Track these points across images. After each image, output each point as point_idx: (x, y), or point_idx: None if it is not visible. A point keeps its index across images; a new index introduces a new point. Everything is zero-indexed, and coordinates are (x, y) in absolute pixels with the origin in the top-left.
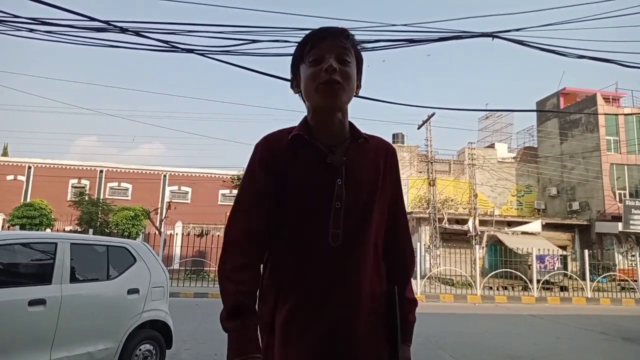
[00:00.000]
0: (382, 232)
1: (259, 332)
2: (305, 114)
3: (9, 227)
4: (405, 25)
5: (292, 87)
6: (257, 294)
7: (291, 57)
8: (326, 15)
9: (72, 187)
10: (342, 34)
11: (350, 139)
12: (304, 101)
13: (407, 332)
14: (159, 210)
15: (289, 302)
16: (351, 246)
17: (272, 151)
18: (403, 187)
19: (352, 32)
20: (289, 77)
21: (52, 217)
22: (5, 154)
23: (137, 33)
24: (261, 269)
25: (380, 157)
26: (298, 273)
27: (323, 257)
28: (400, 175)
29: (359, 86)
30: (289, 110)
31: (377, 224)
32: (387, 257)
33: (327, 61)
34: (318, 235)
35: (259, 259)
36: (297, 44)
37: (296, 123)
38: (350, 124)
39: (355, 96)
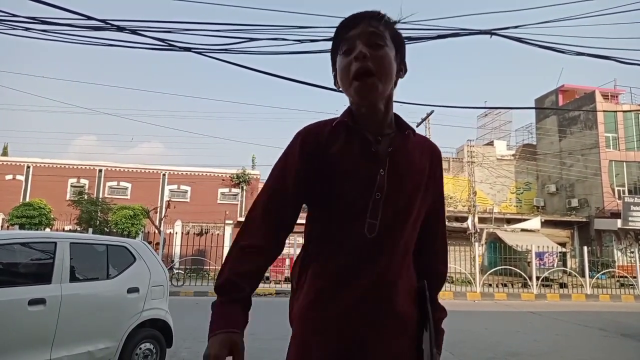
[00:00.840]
0: (417, 233)
1: (242, 310)
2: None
3: (8, 226)
4: (403, 22)
5: (335, 83)
6: (256, 277)
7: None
8: (324, 14)
9: (71, 186)
10: (374, 16)
11: (396, 131)
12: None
13: (440, 339)
14: (158, 209)
15: (316, 286)
16: (387, 238)
17: (314, 138)
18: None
19: (385, 14)
20: (287, 75)
21: (52, 216)
22: (5, 153)
23: (134, 32)
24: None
25: (425, 155)
26: (331, 260)
27: (357, 246)
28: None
29: (402, 69)
30: (290, 109)
31: (414, 221)
32: (422, 259)
33: (357, 48)
34: (355, 224)
35: (272, 243)
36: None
37: (297, 122)
38: (396, 115)
39: (401, 78)
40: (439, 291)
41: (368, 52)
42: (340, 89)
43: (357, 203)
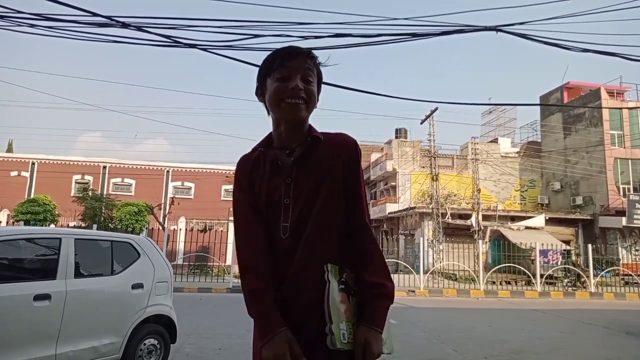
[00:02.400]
0: (334, 223)
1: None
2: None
3: (13, 222)
4: (408, 19)
5: (256, 94)
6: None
7: (259, 67)
8: (327, 10)
9: (75, 182)
10: (308, 55)
11: (309, 140)
12: (267, 110)
13: (371, 314)
14: (162, 206)
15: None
16: (296, 236)
17: (243, 170)
18: (406, 182)
19: (315, 54)
20: None
21: (56, 212)
22: (9, 150)
23: (139, 28)
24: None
25: (335, 150)
26: (272, 264)
27: (277, 248)
28: (397, 172)
29: (317, 100)
30: None
31: (325, 216)
32: (352, 241)
33: (293, 80)
34: (274, 229)
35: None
36: (266, 57)
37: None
38: (310, 126)
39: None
40: (373, 267)
41: (302, 86)
42: (261, 100)
43: (273, 210)
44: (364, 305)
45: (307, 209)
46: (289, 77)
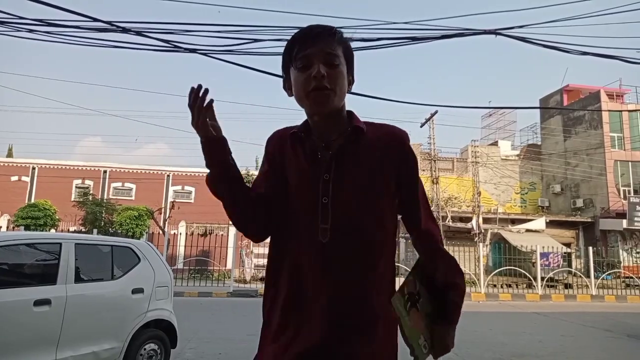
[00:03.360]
0: (389, 228)
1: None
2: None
3: (13, 227)
4: (407, 23)
5: (284, 88)
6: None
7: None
8: (327, 14)
9: (76, 187)
10: (329, 35)
11: (347, 132)
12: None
13: (446, 313)
14: (162, 210)
15: (281, 299)
16: (343, 241)
17: (276, 146)
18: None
19: (338, 30)
20: None
21: (57, 217)
22: (10, 154)
23: (139, 33)
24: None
25: (384, 146)
26: (292, 269)
27: (313, 253)
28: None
29: (351, 82)
30: (292, 110)
31: (375, 220)
32: (419, 243)
33: (314, 67)
34: (308, 231)
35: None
36: (285, 45)
37: (300, 122)
38: (350, 114)
39: (349, 93)
40: (445, 264)
41: (325, 72)
42: (290, 95)
43: (307, 209)
44: (440, 303)
45: (355, 213)
46: (310, 65)
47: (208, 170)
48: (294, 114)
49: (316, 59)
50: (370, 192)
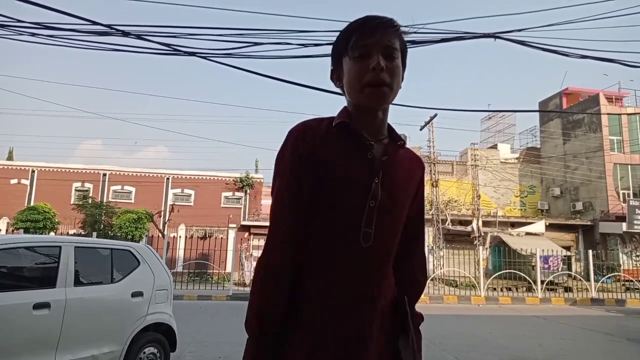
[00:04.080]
0: (398, 242)
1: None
2: (345, 105)
3: (13, 230)
4: (407, 26)
5: (331, 78)
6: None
7: (332, 45)
8: (328, 18)
9: (75, 190)
10: (390, 26)
11: (388, 140)
12: (345, 95)
13: (418, 344)
14: (162, 213)
15: (316, 301)
16: (380, 247)
17: (309, 136)
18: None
19: (399, 24)
20: (291, 79)
21: (56, 220)
22: (10, 157)
23: (139, 37)
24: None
25: (414, 168)
26: (329, 270)
27: (354, 255)
28: None
29: (403, 78)
30: (294, 113)
31: (399, 232)
32: (402, 269)
33: (374, 59)
34: (350, 232)
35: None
36: (340, 32)
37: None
38: (389, 125)
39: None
40: (417, 299)
41: (384, 65)
42: (339, 86)
43: (353, 210)
44: (414, 342)
45: (395, 221)
46: (369, 56)
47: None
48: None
49: (375, 50)
50: (404, 206)
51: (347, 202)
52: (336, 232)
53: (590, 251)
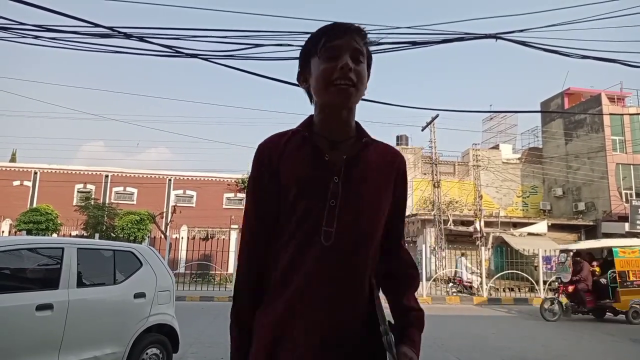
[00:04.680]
0: (379, 240)
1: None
2: (312, 112)
3: (15, 232)
4: (409, 27)
5: (298, 79)
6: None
7: (302, 47)
8: (329, 19)
9: (77, 192)
10: (359, 32)
11: (355, 139)
12: (310, 96)
13: (413, 338)
14: (164, 214)
15: (280, 301)
16: (346, 246)
17: (270, 148)
18: (408, 189)
19: (366, 31)
20: (292, 81)
21: (58, 222)
22: (13, 159)
23: (141, 38)
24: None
25: (388, 163)
26: (290, 271)
27: (315, 255)
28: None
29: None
30: (295, 114)
31: (374, 230)
32: (393, 263)
33: (342, 59)
34: (311, 233)
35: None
36: (310, 36)
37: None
38: (357, 124)
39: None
40: (414, 291)
41: (352, 66)
42: (305, 87)
43: (312, 210)
44: (404, 329)
45: (361, 219)
46: (337, 57)
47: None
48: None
49: (344, 51)
50: (375, 203)
51: (307, 204)
52: (298, 233)
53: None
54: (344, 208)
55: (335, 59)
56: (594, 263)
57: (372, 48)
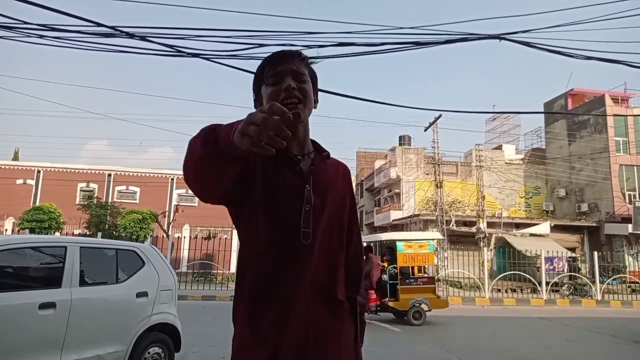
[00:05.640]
0: (343, 247)
1: None
2: None
3: (18, 230)
4: (413, 28)
5: (255, 107)
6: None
7: (253, 80)
8: (332, 19)
9: (80, 190)
10: (297, 56)
11: (314, 152)
12: None
13: (361, 335)
14: (166, 214)
15: (261, 298)
16: (320, 245)
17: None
18: (410, 189)
19: (305, 54)
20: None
21: (61, 220)
22: (16, 158)
23: (144, 38)
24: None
25: (340, 175)
26: (272, 270)
27: (295, 254)
28: (401, 179)
29: (316, 101)
30: None
31: (340, 230)
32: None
33: (285, 81)
34: (291, 234)
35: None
36: (256, 70)
37: None
38: (312, 140)
39: (314, 109)
40: (356, 284)
41: (295, 85)
42: None
43: (290, 214)
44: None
45: (330, 221)
46: (281, 80)
47: (204, 146)
48: None
49: (286, 75)
50: (339, 206)
51: (285, 208)
52: (278, 235)
53: (595, 253)
54: (316, 212)
55: (279, 82)
56: (384, 258)
57: (372, 48)
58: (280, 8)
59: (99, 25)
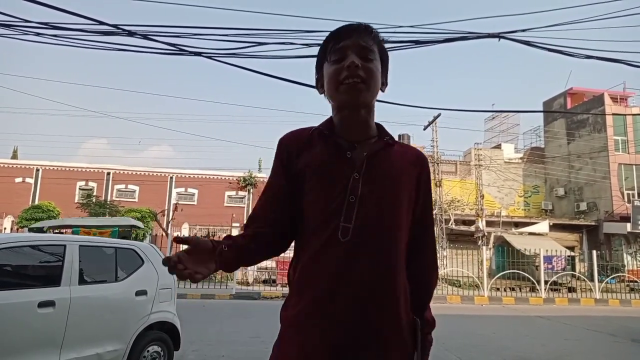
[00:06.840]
0: (405, 243)
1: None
2: (330, 114)
3: (17, 229)
4: (412, 26)
5: (317, 87)
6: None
7: (316, 57)
8: (332, 17)
9: (79, 189)
10: (365, 30)
11: (376, 139)
12: (329, 100)
13: (425, 354)
14: (165, 212)
15: (299, 298)
16: (362, 243)
17: (292, 144)
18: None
19: (375, 30)
20: (295, 79)
21: (60, 219)
22: (14, 156)
23: (145, 36)
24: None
25: (409, 163)
26: (308, 268)
27: (331, 251)
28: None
29: (384, 83)
30: (297, 112)
31: (398, 228)
32: (410, 271)
33: (349, 58)
34: (329, 229)
35: (271, 228)
36: (320, 45)
37: (302, 125)
38: (379, 124)
39: (382, 92)
40: (428, 302)
41: (359, 63)
42: (322, 93)
43: (330, 206)
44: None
45: (385, 217)
46: (345, 57)
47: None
48: (299, 117)
49: (350, 51)
50: (396, 200)
51: (326, 199)
52: (317, 229)
53: (594, 251)
54: (363, 204)
55: (342, 60)
56: None
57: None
58: (280, 7)
59: (100, 23)
